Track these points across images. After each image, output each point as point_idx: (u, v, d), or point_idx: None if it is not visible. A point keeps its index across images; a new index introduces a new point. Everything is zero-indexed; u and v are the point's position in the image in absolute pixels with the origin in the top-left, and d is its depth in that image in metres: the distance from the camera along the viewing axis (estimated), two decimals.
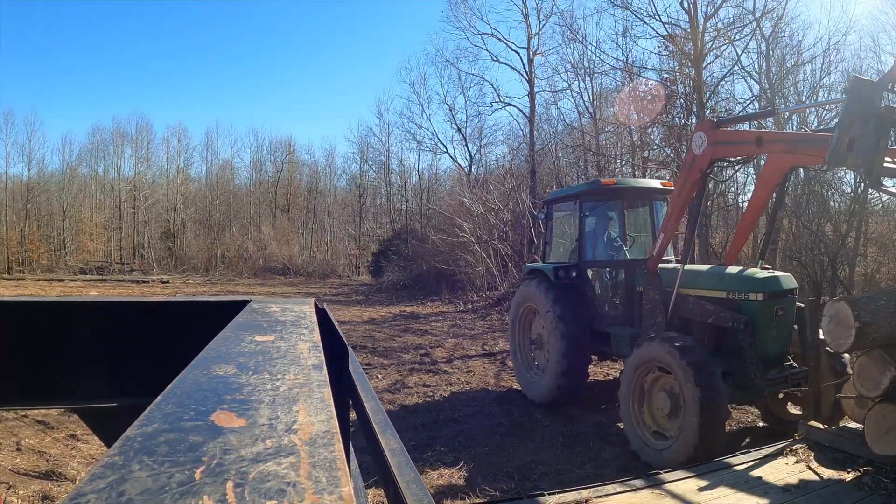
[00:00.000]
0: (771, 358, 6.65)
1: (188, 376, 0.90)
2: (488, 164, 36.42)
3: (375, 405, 1.49)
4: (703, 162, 6.83)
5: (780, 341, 6.72)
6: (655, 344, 6.49)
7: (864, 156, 4.98)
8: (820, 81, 18.74)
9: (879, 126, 4.94)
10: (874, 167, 4.99)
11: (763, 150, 6.52)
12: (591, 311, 8.69)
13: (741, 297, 6.67)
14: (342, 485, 0.56)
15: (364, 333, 15.77)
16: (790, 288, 6.78)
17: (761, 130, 7.38)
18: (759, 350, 6.47)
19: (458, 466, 6.29)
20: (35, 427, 7.24)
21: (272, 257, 45.28)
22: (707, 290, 7.02)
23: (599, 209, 9.04)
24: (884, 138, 4.97)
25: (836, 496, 5.15)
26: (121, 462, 0.58)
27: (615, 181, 8.96)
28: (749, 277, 6.83)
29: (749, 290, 6.66)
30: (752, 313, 6.50)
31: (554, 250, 10.00)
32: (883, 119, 4.94)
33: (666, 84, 20.53)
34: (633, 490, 5.39)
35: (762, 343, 6.52)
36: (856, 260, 15.94)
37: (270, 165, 58.01)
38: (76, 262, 46.73)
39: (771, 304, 6.55)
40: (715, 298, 6.85)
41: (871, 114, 4.94)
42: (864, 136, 4.96)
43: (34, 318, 1.91)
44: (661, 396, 6.44)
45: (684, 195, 7.21)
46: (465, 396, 9.27)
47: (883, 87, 5.06)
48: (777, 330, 6.65)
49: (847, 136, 5.03)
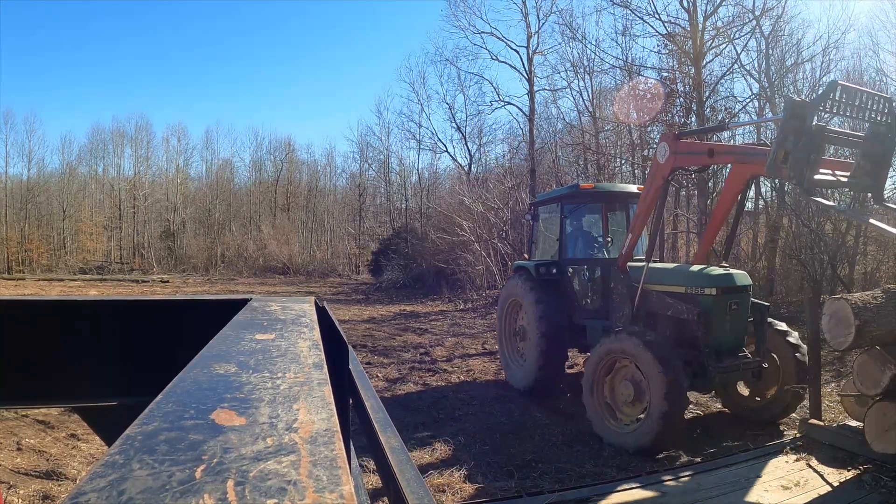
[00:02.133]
0: (726, 348, 7.16)
1: (188, 375, 0.90)
2: (488, 162, 36.49)
3: (376, 404, 1.49)
4: (666, 170, 7.56)
5: (734, 333, 7.24)
6: (622, 337, 6.99)
7: (797, 169, 5.64)
8: (819, 80, 18.71)
9: (810, 142, 5.59)
10: (805, 179, 5.64)
11: (714, 160, 7.56)
12: (571, 305, 9.26)
13: (698, 292, 7.24)
14: (343, 483, 0.56)
15: (364, 332, 15.78)
16: (744, 284, 7.35)
17: (714, 143, 8.15)
18: (714, 341, 7.01)
19: (459, 465, 6.29)
20: (35, 426, 7.24)
21: (272, 256, 45.27)
22: (668, 285, 7.62)
23: (580, 211, 9.75)
24: (815, 153, 5.63)
25: (836, 494, 5.16)
26: (121, 461, 0.58)
27: (593, 185, 9.84)
28: (705, 274, 7.44)
29: (704, 286, 7.23)
30: (706, 307, 7.05)
31: (541, 249, 10.56)
32: (814, 136, 5.59)
33: (665, 83, 20.51)
34: (633, 489, 5.40)
35: (716, 334, 7.04)
36: (855, 258, 15.93)
37: (270, 165, 58.08)
38: (76, 262, 46.74)
39: (725, 298, 7.10)
40: (675, 293, 7.45)
41: (804, 131, 5.59)
42: (798, 151, 5.63)
43: (34, 317, 1.91)
44: (624, 385, 6.92)
45: (649, 199, 7.85)
46: (466, 395, 9.27)
47: (814, 108, 5.62)
48: (731, 323, 7.18)
49: (782, 151, 5.71)
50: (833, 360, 10.11)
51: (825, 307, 5.70)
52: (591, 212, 9.88)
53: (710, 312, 7.01)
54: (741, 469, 5.76)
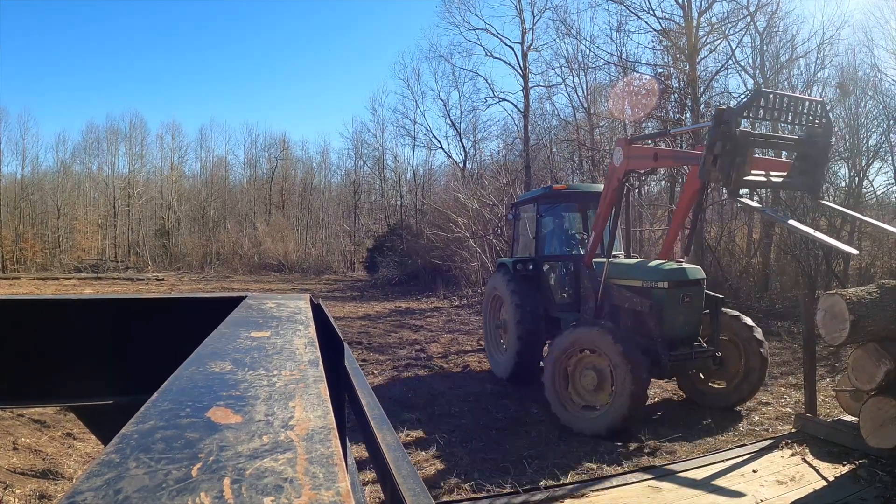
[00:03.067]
0: (680, 339, 7.62)
1: (184, 373, 0.90)
2: (483, 159, 36.45)
3: (371, 401, 1.49)
4: (620, 172, 8.01)
5: (688, 325, 7.69)
6: (584, 329, 7.51)
7: (724, 171, 6.03)
8: (814, 76, 18.79)
9: (735, 147, 5.96)
10: (731, 181, 6.04)
11: (659, 163, 8.20)
12: (546, 299, 9.79)
13: (652, 286, 7.69)
14: (339, 480, 0.56)
15: (359, 329, 15.77)
16: (696, 278, 7.77)
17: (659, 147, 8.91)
18: (668, 331, 7.46)
19: (455, 461, 6.29)
20: (31, 426, 7.21)
21: (267, 254, 45.22)
22: (628, 279, 8.03)
23: (556, 210, 10.32)
24: (740, 157, 5.99)
25: (832, 489, 5.18)
26: (117, 460, 0.58)
27: (566, 186, 10.54)
28: (659, 269, 7.90)
29: (657, 280, 7.70)
30: (659, 299, 7.51)
31: (521, 247, 11.13)
32: (738, 141, 5.95)
33: (660, 79, 20.51)
34: (629, 484, 5.41)
35: (670, 325, 7.49)
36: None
37: (265, 162, 58.01)
38: (71, 261, 46.63)
39: (676, 291, 7.55)
40: (633, 287, 7.87)
41: (729, 137, 5.96)
42: (724, 155, 6.01)
43: (29, 316, 1.91)
44: (588, 373, 7.32)
45: (608, 200, 8.33)
46: (461, 391, 9.28)
47: (738, 114, 6.01)
48: (685, 314, 7.63)
49: (711, 155, 6.11)
50: (828, 356, 10.15)
51: (820, 302, 5.72)
52: (565, 211, 10.48)
53: (662, 304, 7.48)
54: (737, 464, 5.78)
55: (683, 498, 5.11)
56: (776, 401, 8.41)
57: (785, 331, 12.69)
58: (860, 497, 4.96)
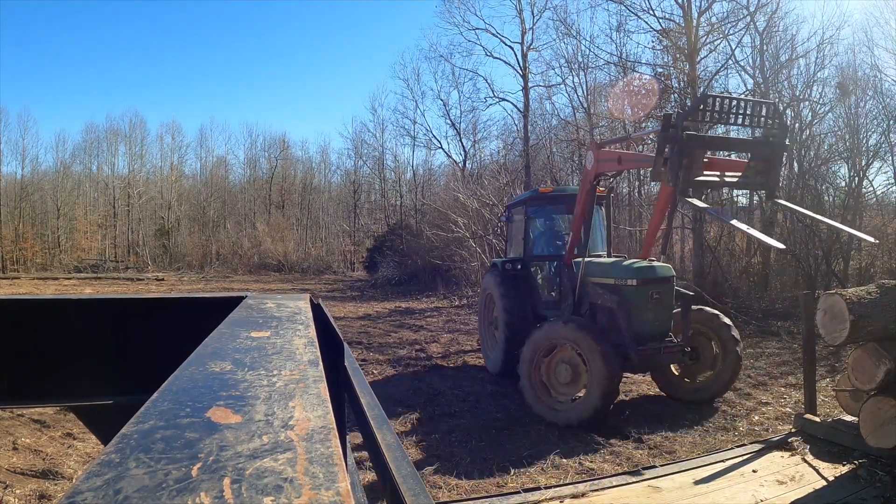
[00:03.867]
0: (650, 334, 7.91)
1: (184, 373, 0.90)
2: (482, 159, 36.49)
3: (371, 400, 1.49)
4: (591, 175, 8.49)
5: (658, 320, 7.96)
6: (558, 325, 7.82)
7: (673, 173, 6.38)
8: (814, 76, 18.78)
9: (682, 149, 6.31)
10: (679, 182, 6.38)
11: (622, 166, 8.55)
12: (534, 297, 10.18)
13: (622, 283, 8.00)
14: (339, 480, 0.56)
15: (359, 329, 15.77)
16: (665, 276, 8.06)
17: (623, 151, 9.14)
18: (637, 327, 7.75)
19: (455, 461, 6.29)
20: (31, 426, 7.22)
21: (267, 254, 45.18)
22: (602, 278, 8.36)
23: (544, 212, 10.67)
24: (686, 159, 6.33)
25: (832, 489, 5.18)
26: (117, 460, 0.58)
27: (552, 189, 11.05)
28: (630, 267, 8.21)
29: (627, 278, 8.01)
30: (628, 296, 7.83)
31: (514, 247, 11.40)
32: (684, 144, 6.29)
33: (660, 79, 20.52)
34: (629, 484, 5.41)
35: (638, 321, 7.78)
36: (850, 254, 16.01)
37: (265, 162, 57.91)
38: (71, 261, 46.60)
39: (645, 289, 7.84)
40: (606, 284, 8.21)
41: (676, 140, 6.32)
42: (672, 157, 6.39)
43: (29, 316, 1.91)
44: (562, 367, 7.68)
45: (583, 202, 8.71)
46: (461, 391, 9.27)
47: (683, 119, 6.38)
48: (654, 311, 7.90)
49: (661, 158, 6.51)
50: (828, 356, 10.15)
51: (820, 302, 5.72)
52: (552, 213, 10.81)
53: (630, 301, 7.80)
54: (737, 463, 5.78)
55: (683, 498, 5.12)
56: (776, 401, 8.42)
57: (785, 331, 12.69)
58: (860, 497, 4.96)
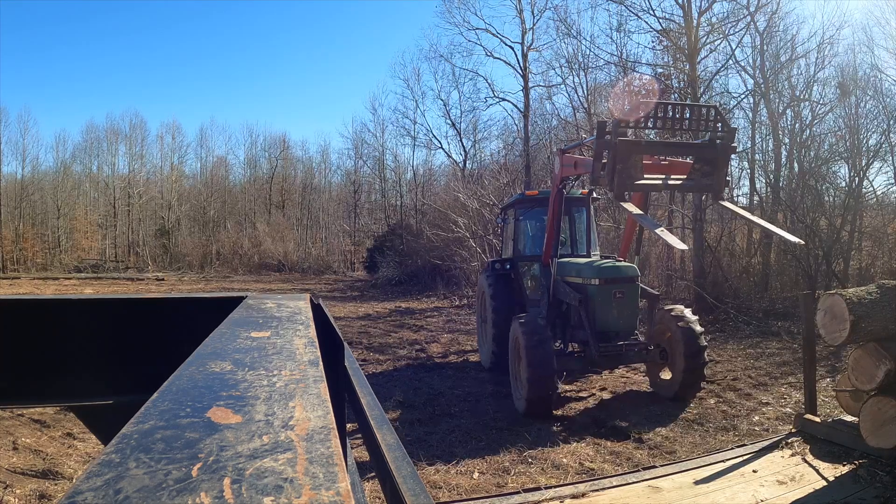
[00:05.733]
0: (615, 332, 8.20)
1: (184, 373, 0.90)
2: (483, 159, 36.52)
3: (371, 400, 1.49)
4: (558, 179, 8.94)
5: (622, 318, 8.19)
6: (515, 325, 8.18)
7: (609, 178, 6.59)
8: (814, 76, 18.75)
9: (615, 155, 6.52)
10: (615, 186, 6.58)
11: (576, 171, 8.65)
12: (522, 295, 10.57)
13: (587, 282, 8.32)
14: (339, 480, 0.56)
15: (359, 329, 15.77)
16: (629, 276, 8.31)
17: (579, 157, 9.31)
18: (601, 324, 8.07)
19: (455, 461, 6.30)
20: (31, 426, 7.22)
21: (267, 254, 45.23)
22: (572, 277, 8.73)
23: (532, 213, 10.97)
24: (621, 163, 6.52)
25: (832, 489, 5.18)
26: (117, 460, 0.58)
27: (537, 192, 11.21)
28: (595, 267, 8.51)
29: (591, 277, 8.30)
30: (591, 294, 8.16)
31: (507, 248, 11.83)
32: (618, 149, 6.51)
33: (660, 79, 20.52)
34: (629, 484, 5.41)
35: (602, 319, 8.09)
36: (850, 254, 15.99)
37: (265, 162, 58.00)
38: (71, 261, 46.63)
39: (608, 287, 8.09)
40: (574, 283, 8.58)
41: (611, 146, 6.56)
42: (609, 162, 6.60)
43: (29, 316, 1.90)
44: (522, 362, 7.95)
45: (553, 206, 9.08)
46: (461, 391, 9.28)
47: (617, 126, 6.57)
48: (618, 309, 8.13)
49: (599, 163, 6.71)
50: (828, 356, 10.15)
51: (820, 302, 5.72)
52: (540, 215, 10.92)
53: (593, 299, 8.10)
54: (737, 463, 5.78)
55: (683, 498, 5.11)
56: (776, 401, 8.41)
57: (785, 331, 12.69)
58: (860, 497, 4.96)
